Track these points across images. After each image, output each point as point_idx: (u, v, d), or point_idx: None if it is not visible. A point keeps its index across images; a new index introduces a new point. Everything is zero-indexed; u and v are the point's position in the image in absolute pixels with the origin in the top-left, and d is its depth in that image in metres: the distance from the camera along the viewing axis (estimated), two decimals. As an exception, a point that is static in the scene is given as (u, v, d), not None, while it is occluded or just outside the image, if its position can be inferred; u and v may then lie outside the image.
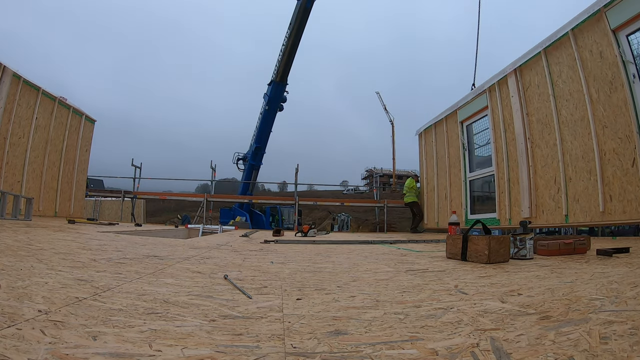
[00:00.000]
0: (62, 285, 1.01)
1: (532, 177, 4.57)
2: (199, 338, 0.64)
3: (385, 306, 0.94)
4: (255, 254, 2.31)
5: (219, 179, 13.07)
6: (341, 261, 2.00)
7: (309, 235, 4.75)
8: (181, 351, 0.57)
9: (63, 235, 2.77)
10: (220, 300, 0.97)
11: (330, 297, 1.04)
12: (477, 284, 1.27)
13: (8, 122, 6.47)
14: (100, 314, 0.76)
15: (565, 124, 4.16)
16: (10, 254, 1.53)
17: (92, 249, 2.03)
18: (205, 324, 0.74)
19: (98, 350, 0.56)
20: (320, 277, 1.42)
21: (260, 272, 1.53)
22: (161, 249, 2.26)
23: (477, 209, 5.99)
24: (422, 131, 7.63)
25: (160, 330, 0.68)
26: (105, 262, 1.54)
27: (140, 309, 0.83)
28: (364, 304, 0.96)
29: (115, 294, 0.97)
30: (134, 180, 9.48)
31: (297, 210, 9.96)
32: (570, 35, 4.13)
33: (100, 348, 0.57)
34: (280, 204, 13.24)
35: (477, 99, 5.82)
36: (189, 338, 0.64)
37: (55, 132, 7.37)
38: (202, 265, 1.64)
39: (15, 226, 3.31)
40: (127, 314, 0.77)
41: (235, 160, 12.64)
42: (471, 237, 1.84)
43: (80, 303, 0.84)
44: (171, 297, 0.97)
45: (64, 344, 0.57)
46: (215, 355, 0.56)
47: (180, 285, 1.15)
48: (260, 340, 0.64)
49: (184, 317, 0.78)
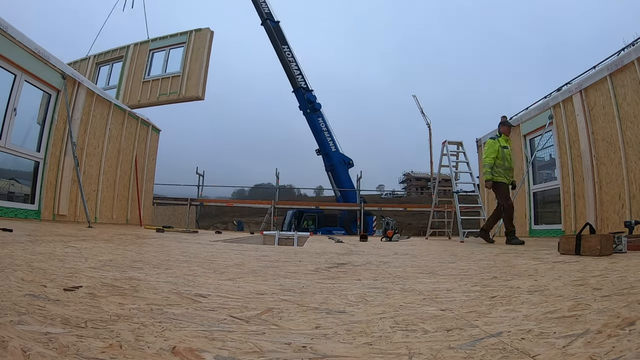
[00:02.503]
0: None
1: (597, 192, 5.59)
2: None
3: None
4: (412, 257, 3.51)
5: (255, 185, 14.89)
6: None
7: (393, 240, 5.95)
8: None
9: (207, 248, 4.08)
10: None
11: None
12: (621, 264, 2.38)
13: (84, 133, 7.91)
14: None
15: (629, 144, 5.17)
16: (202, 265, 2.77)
17: (263, 259, 3.28)
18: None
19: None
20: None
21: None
22: (326, 258, 3.50)
23: (542, 220, 7.03)
24: (483, 142, 8.69)
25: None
26: (311, 273, 2.73)
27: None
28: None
29: (371, 305, 2.16)
30: (198, 188, 11.04)
31: (361, 215, 11.30)
32: (636, 62, 5.13)
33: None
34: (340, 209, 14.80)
35: (541, 115, 6.86)
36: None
37: (126, 142, 8.89)
38: (400, 269, 2.84)
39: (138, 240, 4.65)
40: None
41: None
42: (584, 236, 2.85)
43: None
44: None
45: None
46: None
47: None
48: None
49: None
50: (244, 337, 0.76)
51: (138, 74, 10.27)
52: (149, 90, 9.79)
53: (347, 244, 5.00)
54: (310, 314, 1.00)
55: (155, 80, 9.98)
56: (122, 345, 0.67)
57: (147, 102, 9.77)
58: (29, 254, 1.90)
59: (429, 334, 0.82)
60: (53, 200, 6.61)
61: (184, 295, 1.16)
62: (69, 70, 7.01)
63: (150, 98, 9.76)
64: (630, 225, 3.54)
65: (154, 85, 9.93)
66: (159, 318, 0.87)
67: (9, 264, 1.51)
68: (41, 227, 4.49)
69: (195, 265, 1.95)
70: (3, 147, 5.70)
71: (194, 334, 0.77)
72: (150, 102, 9.78)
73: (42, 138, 6.52)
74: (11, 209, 5.90)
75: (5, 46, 5.54)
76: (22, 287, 1.11)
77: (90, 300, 1.01)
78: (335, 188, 14.83)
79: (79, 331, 0.74)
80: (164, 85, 9.79)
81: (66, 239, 3.00)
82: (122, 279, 1.39)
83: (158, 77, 10.01)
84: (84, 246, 2.56)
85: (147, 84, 9.92)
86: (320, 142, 14.09)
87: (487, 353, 0.69)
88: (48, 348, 0.63)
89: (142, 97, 9.80)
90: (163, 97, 9.57)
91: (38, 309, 0.88)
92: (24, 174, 6.44)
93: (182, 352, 0.66)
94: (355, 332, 0.83)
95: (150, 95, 9.78)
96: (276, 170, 13.37)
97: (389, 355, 0.68)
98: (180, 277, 1.51)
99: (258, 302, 1.12)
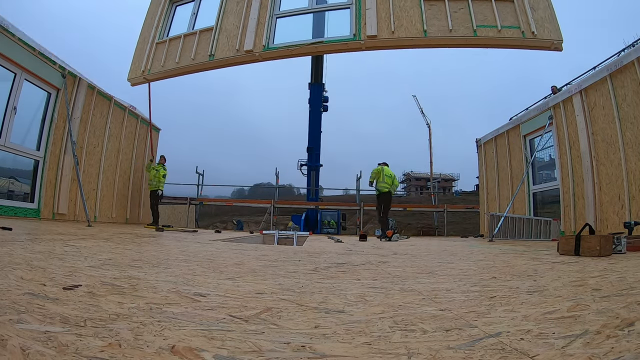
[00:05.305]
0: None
1: (597, 193, 5.60)
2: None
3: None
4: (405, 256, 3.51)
5: (254, 184, 14.85)
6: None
7: (392, 239, 5.96)
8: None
9: (206, 247, 4.08)
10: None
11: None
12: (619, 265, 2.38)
13: (84, 132, 7.87)
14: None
15: (629, 145, 5.17)
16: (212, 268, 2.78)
17: (262, 258, 3.29)
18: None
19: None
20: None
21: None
22: (325, 258, 3.50)
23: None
24: (483, 143, 8.72)
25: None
26: (310, 272, 2.75)
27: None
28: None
29: (371, 306, 2.16)
30: (198, 187, 11.06)
31: (361, 215, 11.31)
32: (636, 63, 5.13)
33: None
34: (343, 209, 14.78)
35: (541, 115, 6.87)
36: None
37: (126, 141, 8.90)
38: (399, 269, 2.84)
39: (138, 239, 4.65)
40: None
41: (299, 166, 14.54)
42: (583, 237, 2.87)
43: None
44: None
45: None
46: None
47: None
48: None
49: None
50: (243, 336, 0.76)
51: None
52: (446, 14, 5.57)
53: (347, 244, 5.01)
54: (309, 313, 1.00)
55: (455, 0, 5.66)
56: (122, 344, 0.67)
57: (446, 37, 5.54)
58: (29, 252, 1.90)
59: (428, 334, 0.82)
60: (53, 199, 6.61)
61: (183, 295, 1.16)
62: (70, 68, 7.01)
63: (455, 30, 5.52)
64: (630, 226, 3.55)
65: (454, 7, 5.63)
66: (158, 317, 0.87)
67: (9, 263, 1.51)
68: (41, 226, 4.49)
69: (194, 265, 1.95)
70: (3, 145, 5.70)
71: (193, 333, 0.77)
72: (457, 39, 5.56)
73: (41, 137, 6.53)
74: (11, 208, 5.90)
75: (5, 45, 5.54)
76: (21, 285, 1.11)
77: (90, 299, 1.01)
78: (312, 187, 14.75)
79: (78, 330, 0.74)
80: (479, 10, 5.57)
81: (66, 238, 3.00)
82: (122, 277, 1.39)
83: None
84: (84, 245, 2.56)
85: (434, 5, 5.72)
86: (317, 141, 14.17)
87: (486, 353, 0.69)
88: (47, 347, 0.63)
89: (431, 27, 5.62)
90: (484, 30, 5.45)
91: (37, 307, 0.88)
92: (24, 173, 6.44)
93: (181, 351, 0.66)
94: (355, 331, 0.83)
95: (453, 24, 5.52)
96: (276, 169, 13.45)
97: (388, 355, 0.68)
98: (179, 277, 1.51)
99: (257, 301, 1.12)
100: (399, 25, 5.73)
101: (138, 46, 7.52)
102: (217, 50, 6.58)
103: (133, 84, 7.33)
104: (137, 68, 7.26)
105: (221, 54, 6.52)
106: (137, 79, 7.22)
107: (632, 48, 5.45)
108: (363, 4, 5.97)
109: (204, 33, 6.89)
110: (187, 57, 6.77)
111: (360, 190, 15.11)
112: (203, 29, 6.96)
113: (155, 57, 7.14)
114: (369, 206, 12.66)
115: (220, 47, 6.60)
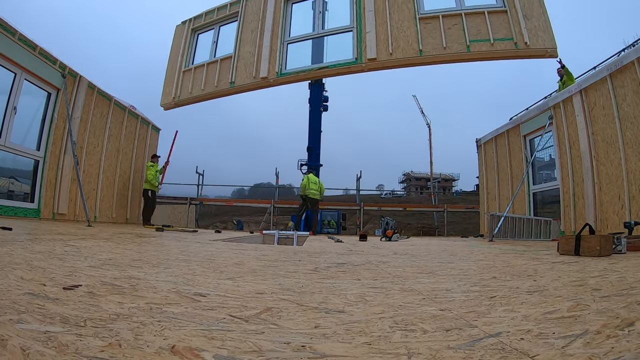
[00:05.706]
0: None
1: (597, 193, 5.59)
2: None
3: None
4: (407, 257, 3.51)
5: (254, 184, 14.80)
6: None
7: (392, 239, 5.95)
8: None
9: (207, 247, 4.07)
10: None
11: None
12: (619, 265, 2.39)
13: (84, 132, 7.87)
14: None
15: (629, 145, 5.17)
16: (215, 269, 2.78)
17: (262, 258, 3.29)
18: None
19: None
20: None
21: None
22: (326, 258, 3.50)
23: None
24: (483, 143, 8.73)
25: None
26: (310, 272, 2.76)
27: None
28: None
29: (370, 305, 2.16)
30: (198, 187, 11.05)
31: (361, 215, 11.31)
32: (636, 63, 5.13)
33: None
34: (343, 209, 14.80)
35: (541, 115, 6.87)
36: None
37: (126, 141, 8.89)
38: (400, 269, 2.84)
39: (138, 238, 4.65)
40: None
41: (299, 166, 14.58)
42: (583, 237, 2.86)
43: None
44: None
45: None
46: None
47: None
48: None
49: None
50: (243, 336, 0.76)
51: (398, 7, 6.29)
52: (440, 32, 5.86)
53: (347, 244, 5.00)
54: (309, 313, 1.00)
55: (449, 17, 5.92)
56: (122, 344, 0.67)
57: (440, 54, 5.82)
58: (29, 252, 1.90)
59: (428, 334, 0.82)
60: (53, 199, 6.61)
61: (183, 295, 1.16)
62: (70, 68, 7.01)
63: (449, 47, 5.78)
64: (630, 226, 3.54)
65: (448, 24, 5.89)
66: (158, 317, 0.87)
67: (9, 263, 1.51)
68: (41, 226, 4.49)
69: (194, 265, 1.94)
70: (3, 145, 5.71)
71: (193, 333, 0.77)
72: (451, 55, 5.81)
73: (41, 136, 6.52)
74: (11, 208, 5.90)
75: (5, 45, 5.54)
76: (21, 285, 1.11)
77: (90, 299, 1.01)
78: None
79: (78, 330, 0.74)
80: (473, 25, 5.85)
81: (66, 238, 3.00)
82: (122, 277, 1.39)
83: (451, 11, 6.01)
84: (84, 245, 2.56)
85: (429, 24, 6.03)
86: (317, 141, 14.18)
87: (486, 353, 0.69)
88: (47, 347, 0.63)
89: (426, 45, 5.92)
90: (477, 45, 5.66)
91: (37, 307, 0.88)
92: (24, 173, 6.44)
93: (181, 351, 0.66)
94: (355, 331, 0.83)
95: (447, 42, 5.79)
96: (276, 169, 13.42)
97: (388, 355, 0.68)
98: (179, 276, 1.51)
99: (257, 301, 1.12)
100: (397, 47, 6.11)
101: (168, 73, 8.53)
102: (236, 78, 7.40)
103: (166, 109, 8.29)
104: (168, 94, 8.29)
105: (240, 81, 7.33)
106: (169, 105, 8.21)
107: (632, 48, 5.45)
108: (364, 27, 6.41)
109: (224, 61, 7.75)
110: (210, 84, 7.67)
111: (360, 190, 15.16)
112: (223, 57, 7.83)
113: (183, 84, 8.12)
114: (369, 206, 12.70)
115: (239, 75, 7.40)
